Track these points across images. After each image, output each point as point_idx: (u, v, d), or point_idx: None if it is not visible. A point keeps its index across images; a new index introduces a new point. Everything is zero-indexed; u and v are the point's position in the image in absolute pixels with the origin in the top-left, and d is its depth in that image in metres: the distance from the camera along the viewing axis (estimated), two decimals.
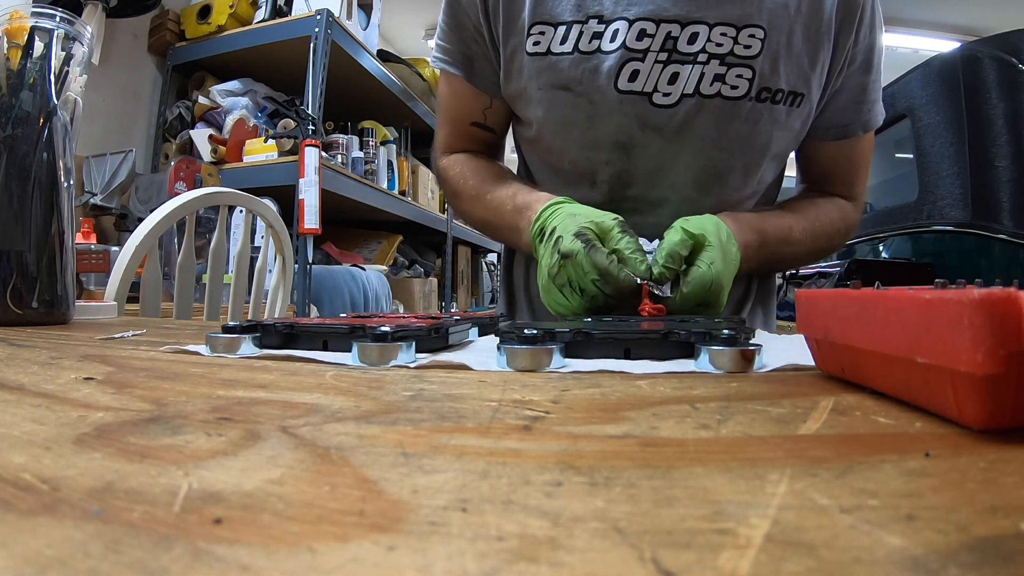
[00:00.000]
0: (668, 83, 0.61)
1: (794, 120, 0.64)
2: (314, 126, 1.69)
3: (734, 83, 0.60)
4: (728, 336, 0.29)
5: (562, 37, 0.62)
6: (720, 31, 0.60)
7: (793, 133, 0.65)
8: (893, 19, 3.40)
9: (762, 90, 0.61)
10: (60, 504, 0.12)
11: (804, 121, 0.65)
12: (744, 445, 0.16)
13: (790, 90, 0.62)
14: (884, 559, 0.09)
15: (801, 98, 0.63)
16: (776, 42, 0.60)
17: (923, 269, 1.83)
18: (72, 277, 0.57)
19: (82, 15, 1.55)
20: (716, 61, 0.60)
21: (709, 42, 0.60)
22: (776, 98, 0.62)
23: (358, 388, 0.24)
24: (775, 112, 0.62)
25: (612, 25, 0.61)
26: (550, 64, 0.63)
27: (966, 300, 0.15)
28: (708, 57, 0.60)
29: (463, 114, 0.73)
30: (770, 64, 0.61)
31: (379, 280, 2.11)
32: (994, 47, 1.70)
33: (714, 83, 0.60)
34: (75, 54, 0.56)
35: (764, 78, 0.61)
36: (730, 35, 0.60)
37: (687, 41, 0.60)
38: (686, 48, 0.60)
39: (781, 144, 0.65)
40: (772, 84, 0.61)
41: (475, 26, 0.67)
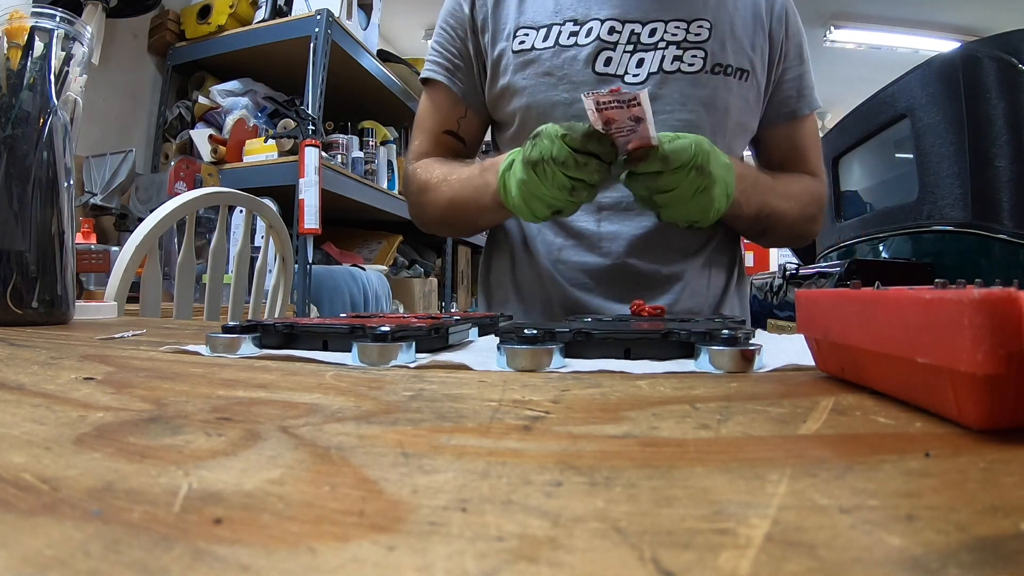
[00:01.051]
0: (636, 66, 0.74)
1: (746, 92, 0.77)
2: (314, 126, 1.69)
3: (691, 61, 0.74)
4: (728, 336, 0.29)
5: (543, 36, 0.75)
6: (674, 25, 0.74)
7: (748, 104, 0.78)
8: (893, 19, 3.40)
9: (715, 65, 0.74)
10: (60, 504, 0.12)
11: (756, 95, 0.79)
12: (744, 445, 0.16)
13: (737, 67, 0.76)
14: (884, 559, 0.09)
15: (748, 74, 0.76)
16: (721, 30, 0.75)
17: (923, 269, 1.83)
18: (72, 277, 0.57)
19: (82, 15, 1.55)
20: (674, 46, 0.74)
21: (666, 33, 0.74)
22: (727, 72, 0.75)
23: (358, 388, 0.24)
24: (728, 83, 0.75)
25: (586, 25, 0.74)
26: (535, 57, 0.74)
27: (966, 300, 0.15)
28: (667, 44, 0.74)
29: (438, 123, 0.82)
30: (719, 46, 0.75)
31: (379, 280, 2.11)
32: (994, 47, 1.70)
33: (674, 62, 0.74)
34: (75, 54, 0.56)
35: (715, 56, 0.74)
36: (682, 28, 0.74)
37: (648, 35, 0.74)
38: (648, 40, 0.74)
39: (740, 111, 0.77)
40: (723, 60, 0.75)
41: (463, 40, 0.79)
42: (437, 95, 0.82)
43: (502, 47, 0.76)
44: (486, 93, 0.80)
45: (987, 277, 0.22)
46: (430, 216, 0.80)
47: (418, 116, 0.85)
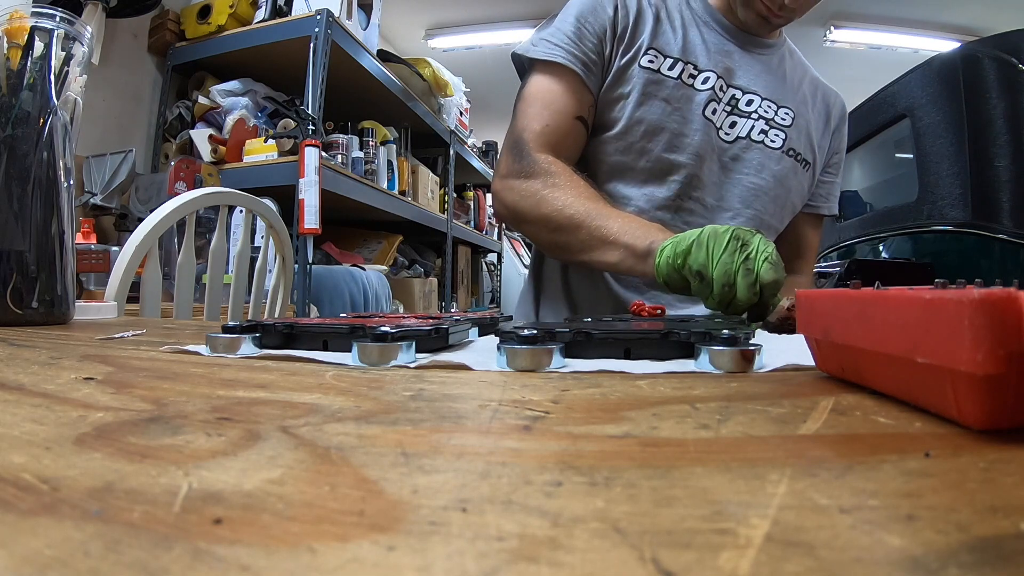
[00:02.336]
0: (729, 127, 0.85)
1: (803, 179, 0.89)
2: (314, 126, 1.69)
3: (773, 138, 0.85)
4: (728, 336, 0.29)
5: (670, 65, 0.83)
6: (767, 104, 0.86)
7: (802, 190, 0.90)
8: (893, 19, 3.40)
9: (790, 148, 0.86)
10: (60, 504, 0.12)
11: (809, 185, 0.91)
12: (744, 445, 0.16)
13: (804, 156, 0.88)
14: (884, 559, 0.09)
15: (809, 165, 0.90)
16: (799, 123, 0.88)
17: (923, 269, 1.83)
18: (72, 277, 0.57)
19: (82, 15, 1.55)
20: (763, 121, 0.85)
21: (760, 107, 0.86)
22: (797, 157, 0.87)
23: (358, 388, 0.24)
24: (796, 167, 0.87)
25: (704, 74, 0.84)
26: (659, 80, 0.82)
27: (966, 300, 0.15)
28: (759, 117, 0.85)
29: (571, 107, 0.82)
30: (796, 135, 0.87)
31: (379, 280, 2.11)
32: (994, 47, 1.70)
33: (760, 134, 0.85)
34: (75, 54, 0.56)
35: (791, 141, 0.86)
36: (772, 108, 0.86)
37: (745, 103, 0.86)
38: (744, 107, 0.85)
39: (796, 194, 0.89)
40: (796, 148, 0.87)
41: (600, 40, 0.83)
42: (569, 82, 0.82)
43: (630, 57, 0.82)
44: (603, 91, 0.83)
45: (987, 277, 0.22)
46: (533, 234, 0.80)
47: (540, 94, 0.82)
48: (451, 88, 2.69)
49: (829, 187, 0.96)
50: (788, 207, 0.89)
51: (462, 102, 2.93)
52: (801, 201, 0.91)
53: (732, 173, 0.84)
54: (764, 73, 0.87)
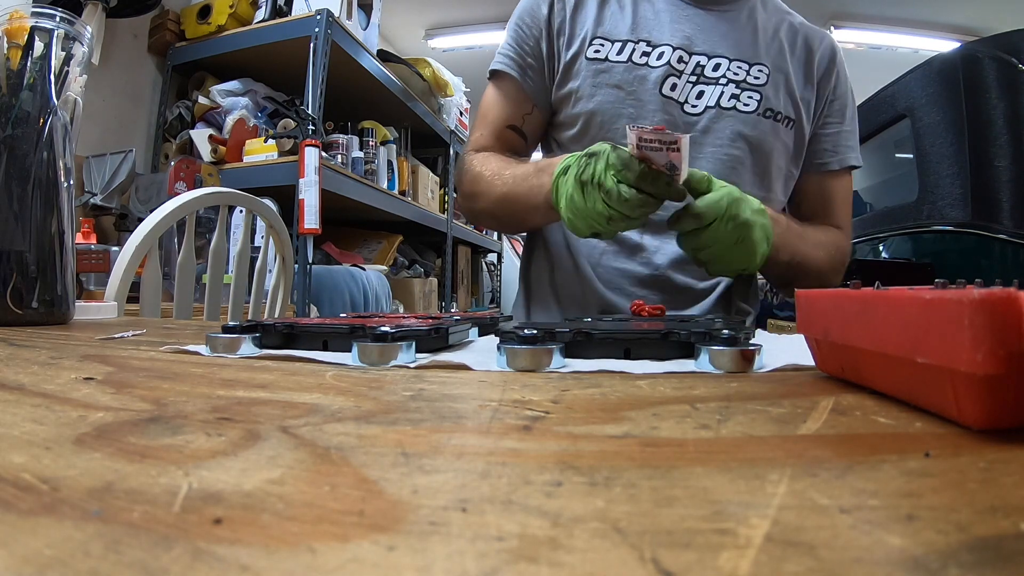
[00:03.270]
0: (696, 98, 0.78)
1: (788, 139, 0.81)
2: (314, 126, 1.69)
3: (746, 102, 0.78)
4: (728, 336, 0.29)
5: (618, 50, 0.79)
6: (737, 65, 0.79)
7: (789, 151, 0.82)
8: (893, 19, 3.39)
9: (767, 109, 0.79)
10: (60, 504, 0.12)
11: (798, 144, 0.83)
12: (744, 445, 0.16)
13: (785, 114, 0.80)
14: (884, 559, 0.09)
15: (793, 122, 0.81)
16: (776, 78, 0.80)
17: (923, 269, 1.83)
18: (72, 277, 0.57)
19: (82, 15, 1.55)
20: (733, 85, 0.78)
21: (728, 71, 0.79)
22: (776, 117, 0.80)
23: (358, 388, 0.24)
24: (776, 128, 0.80)
25: (659, 48, 0.79)
26: (606, 68, 0.78)
27: (966, 300, 0.15)
28: (728, 81, 0.79)
29: (504, 116, 0.83)
30: (773, 92, 0.79)
31: (379, 280, 2.11)
32: (994, 47, 1.70)
33: (730, 100, 0.78)
34: (75, 54, 0.56)
35: (768, 101, 0.79)
36: (744, 68, 0.79)
37: (712, 69, 0.79)
38: (711, 74, 0.79)
39: (781, 156, 0.81)
40: (774, 106, 0.79)
41: (537, 40, 0.81)
42: (506, 89, 0.83)
43: (576, 51, 0.79)
44: (553, 93, 0.82)
45: (987, 277, 0.22)
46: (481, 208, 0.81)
47: (482, 107, 0.86)
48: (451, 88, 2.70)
49: (835, 138, 0.85)
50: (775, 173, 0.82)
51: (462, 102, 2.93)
52: (794, 164, 0.84)
53: (703, 147, 0.78)
54: (731, 32, 0.80)
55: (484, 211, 0.81)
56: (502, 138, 0.83)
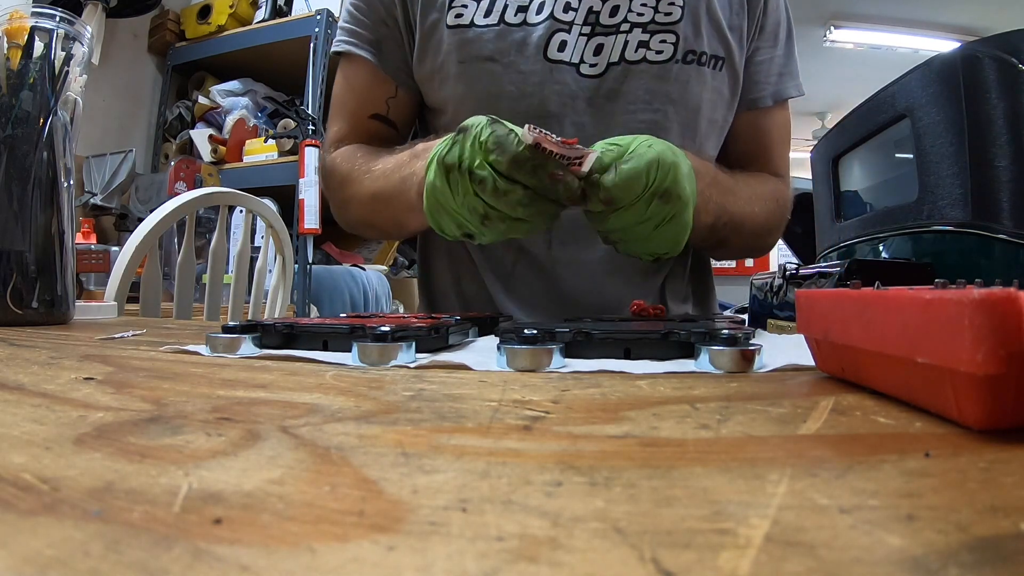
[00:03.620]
0: (594, 54, 0.61)
1: (720, 83, 0.65)
2: (314, 126, 1.69)
3: (659, 48, 0.61)
4: (728, 336, 0.29)
5: (485, 10, 0.61)
6: (640, 3, 0.61)
7: (723, 98, 0.66)
8: (893, 19, 3.40)
9: (687, 52, 0.62)
10: (60, 504, 0.12)
11: (732, 87, 0.66)
12: (744, 445, 0.16)
13: (712, 53, 0.63)
14: (884, 559, 0.09)
15: (723, 62, 0.64)
16: (695, 7, 0.62)
17: (923, 269, 1.83)
18: (72, 277, 0.57)
19: (82, 15, 1.55)
20: (639, 29, 0.61)
21: (630, 12, 0.61)
22: (701, 60, 0.63)
23: (358, 388, 0.24)
24: (702, 73, 0.63)
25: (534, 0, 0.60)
26: (473, 37, 0.61)
27: (966, 300, 0.15)
28: (631, 26, 0.61)
29: (364, 105, 0.68)
30: (693, 28, 0.62)
31: (379, 280, 2.11)
32: (994, 47, 1.69)
33: (639, 49, 0.61)
34: (75, 54, 0.56)
35: (688, 41, 0.62)
36: (650, 4, 0.61)
37: (608, 14, 0.61)
38: (608, 20, 0.61)
39: (713, 107, 0.65)
40: (696, 47, 0.62)
41: (387, 7, 0.65)
42: (359, 72, 0.68)
43: (434, 18, 0.63)
44: (415, 71, 0.66)
45: (987, 277, 0.22)
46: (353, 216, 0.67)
47: (335, 97, 0.70)
48: None
49: (767, 66, 0.68)
50: (707, 129, 0.66)
51: None
52: (728, 111, 0.68)
53: (613, 116, 0.62)
54: None
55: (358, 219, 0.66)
56: (366, 131, 0.67)
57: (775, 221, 0.68)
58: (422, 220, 0.53)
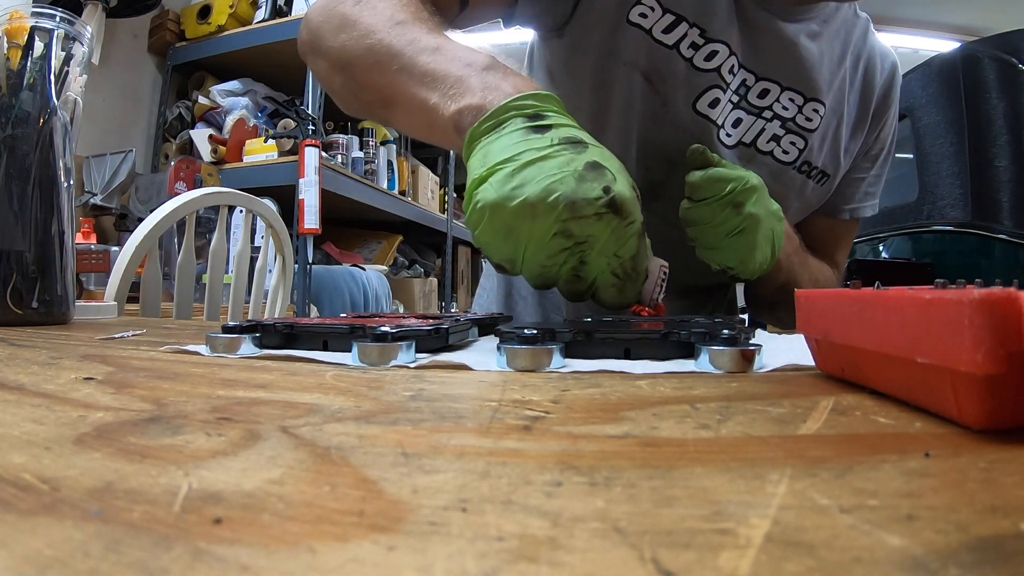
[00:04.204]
0: (732, 126, 0.61)
1: (814, 195, 0.67)
2: (314, 126, 1.69)
3: (787, 148, 0.62)
4: (728, 336, 0.29)
5: (667, 27, 0.56)
6: (789, 96, 0.61)
7: (810, 207, 0.69)
8: (893, 19, 3.40)
9: (804, 162, 0.63)
10: (60, 504, 0.12)
11: (820, 199, 0.69)
12: (744, 445, 0.16)
13: (822, 169, 0.65)
14: (884, 559, 0.09)
15: (827, 179, 0.66)
16: (827, 122, 0.63)
17: (923, 269, 1.83)
18: (72, 277, 0.57)
19: (82, 15, 1.55)
20: (778, 123, 0.61)
21: (777, 103, 0.61)
22: (811, 173, 0.65)
23: (358, 388, 0.24)
24: (805, 185, 0.65)
25: (711, 45, 0.56)
26: (645, 44, 0.56)
27: (966, 300, 0.15)
28: (773, 115, 0.61)
29: None
30: (818, 141, 0.63)
31: (379, 280, 2.11)
32: (994, 47, 1.70)
33: (770, 142, 0.62)
34: (75, 54, 0.56)
35: (811, 152, 0.63)
36: (797, 103, 0.61)
37: (757, 95, 0.60)
38: (756, 101, 0.60)
39: (799, 211, 0.68)
40: (813, 160, 0.64)
41: None
42: None
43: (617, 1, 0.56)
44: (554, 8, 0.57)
45: (987, 277, 0.22)
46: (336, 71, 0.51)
47: None
48: None
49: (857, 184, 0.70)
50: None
51: None
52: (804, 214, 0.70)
53: None
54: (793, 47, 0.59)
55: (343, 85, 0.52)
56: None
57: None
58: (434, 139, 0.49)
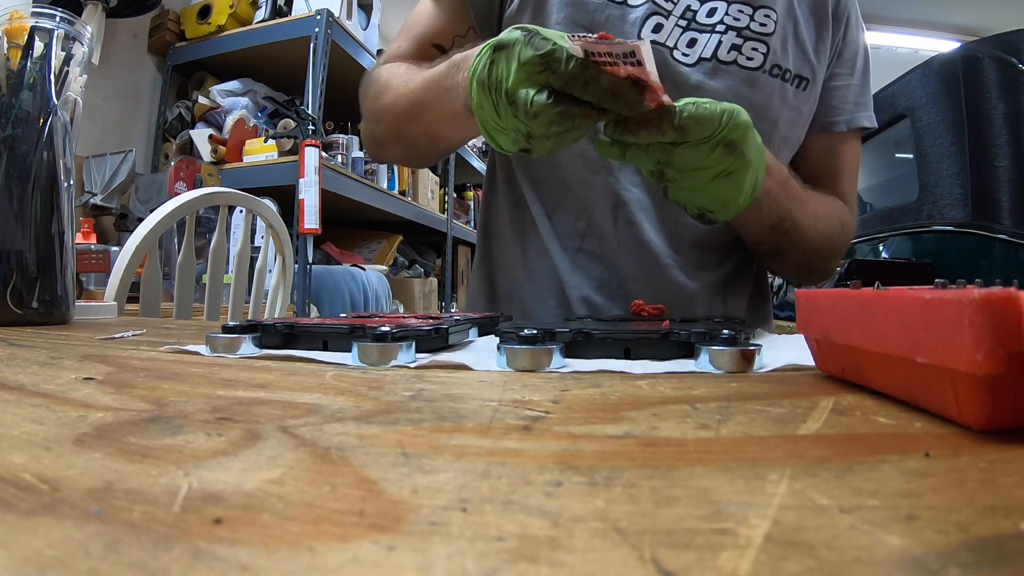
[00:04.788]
0: (687, 46, 0.62)
1: (800, 103, 0.66)
2: (314, 126, 1.69)
3: (750, 55, 0.62)
4: (728, 336, 0.29)
5: None
6: (737, 8, 0.63)
7: (800, 117, 0.67)
8: (893, 19, 3.40)
9: (775, 66, 0.63)
10: (60, 504, 0.12)
11: (810, 108, 0.67)
12: (744, 445, 0.16)
13: (796, 73, 0.64)
14: (884, 559, 0.09)
15: (807, 82, 0.65)
16: (784, 27, 0.64)
17: (923, 269, 1.83)
18: (72, 277, 0.57)
19: (82, 15, 1.55)
20: (733, 32, 0.62)
21: (727, 15, 0.62)
22: (786, 77, 0.64)
23: (358, 388, 0.24)
24: (785, 90, 0.64)
25: None
26: (579, 3, 0.62)
27: (966, 300, 0.15)
28: (726, 28, 0.62)
29: (432, 32, 0.68)
30: (781, 45, 0.63)
31: (379, 280, 2.11)
32: (994, 47, 1.70)
33: (731, 51, 0.62)
34: (75, 54, 0.56)
35: (776, 55, 0.63)
36: (747, 13, 0.63)
37: (705, 14, 0.62)
38: (704, 20, 0.62)
39: (788, 125, 0.66)
40: (783, 63, 0.63)
41: None
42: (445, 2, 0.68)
43: None
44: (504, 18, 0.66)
45: (987, 277, 0.22)
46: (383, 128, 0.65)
47: (412, 15, 0.71)
48: None
49: (843, 92, 0.69)
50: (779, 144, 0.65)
51: None
52: (802, 131, 0.68)
53: None
54: None
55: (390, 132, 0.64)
56: (423, 55, 0.66)
57: (836, 243, 0.67)
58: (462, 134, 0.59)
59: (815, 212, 0.62)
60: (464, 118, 0.50)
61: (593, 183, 0.65)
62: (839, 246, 0.68)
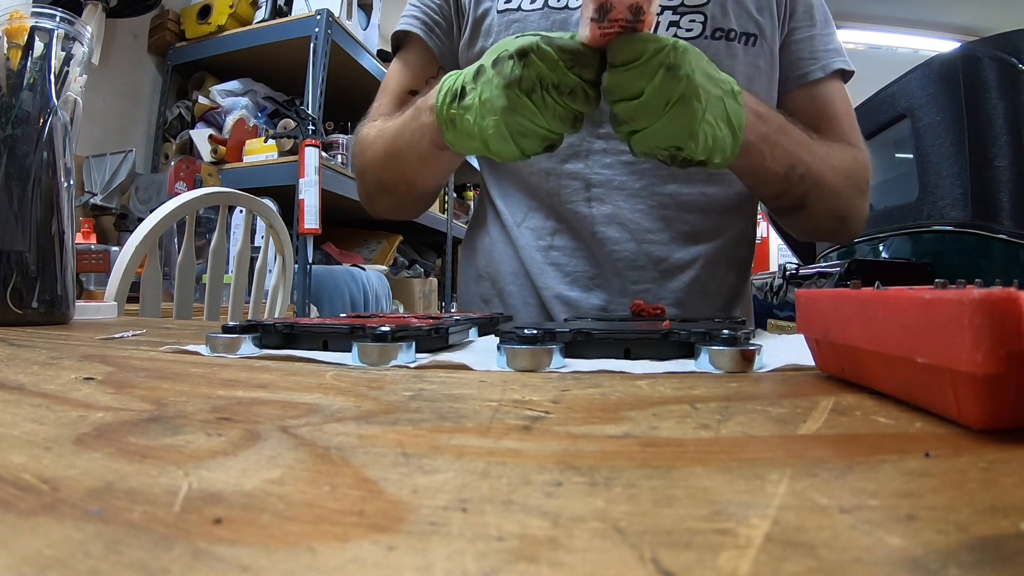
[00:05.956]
0: None
1: (755, 58, 0.67)
2: (314, 126, 1.69)
3: (688, 27, 0.65)
4: (728, 336, 0.29)
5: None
6: None
7: (761, 72, 0.68)
8: (893, 19, 3.40)
9: (716, 30, 0.65)
10: (60, 504, 0.12)
11: (769, 61, 0.68)
12: (744, 445, 0.16)
13: (742, 31, 0.66)
14: (884, 559, 0.09)
15: (754, 38, 0.67)
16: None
17: (923, 269, 1.83)
18: (72, 277, 0.57)
19: (82, 15, 1.55)
20: (669, 12, 0.65)
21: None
22: (730, 36, 0.66)
23: (358, 388, 0.24)
24: (732, 48, 0.66)
25: None
26: (521, 18, 0.68)
27: (966, 300, 0.15)
28: (662, 9, 0.64)
29: (405, 82, 0.74)
30: (720, 10, 0.66)
31: (379, 280, 2.11)
32: (994, 47, 1.70)
33: (669, 28, 0.65)
34: (75, 54, 0.56)
35: (716, 20, 0.65)
36: None
37: None
38: None
39: (748, 80, 0.66)
40: (724, 25, 0.65)
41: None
42: (410, 53, 0.74)
43: (487, 6, 0.70)
44: (461, 55, 0.72)
45: (987, 277, 0.22)
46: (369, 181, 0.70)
47: (383, 81, 0.77)
48: None
49: (808, 43, 0.70)
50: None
51: None
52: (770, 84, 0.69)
53: None
54: None
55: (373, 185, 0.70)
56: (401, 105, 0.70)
57: (858, 179, 0.66)
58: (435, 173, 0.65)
59: (824, 153, 0.61)
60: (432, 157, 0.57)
61: (563, 172, 0.68)
62: (861, 183, 0.67)
